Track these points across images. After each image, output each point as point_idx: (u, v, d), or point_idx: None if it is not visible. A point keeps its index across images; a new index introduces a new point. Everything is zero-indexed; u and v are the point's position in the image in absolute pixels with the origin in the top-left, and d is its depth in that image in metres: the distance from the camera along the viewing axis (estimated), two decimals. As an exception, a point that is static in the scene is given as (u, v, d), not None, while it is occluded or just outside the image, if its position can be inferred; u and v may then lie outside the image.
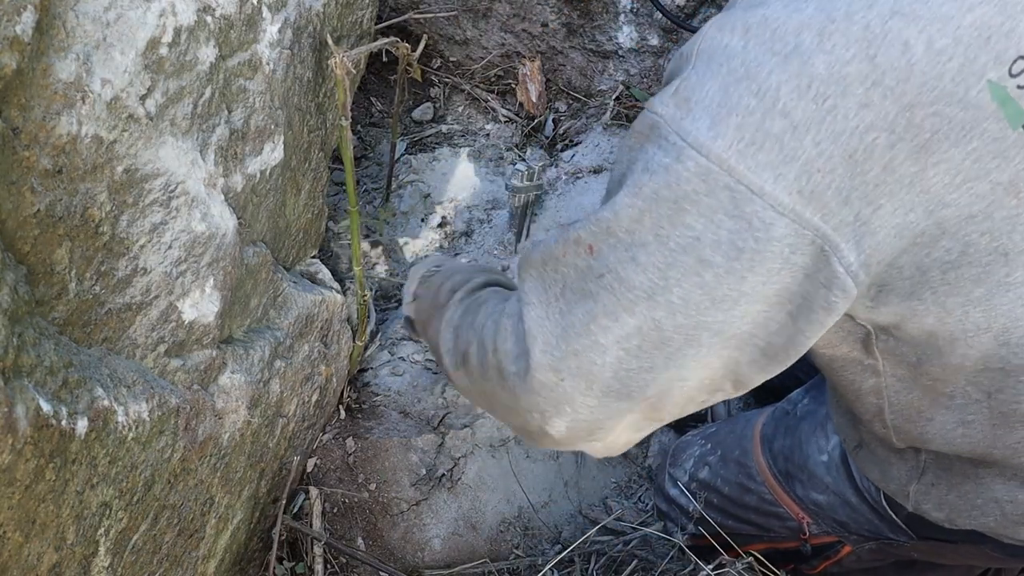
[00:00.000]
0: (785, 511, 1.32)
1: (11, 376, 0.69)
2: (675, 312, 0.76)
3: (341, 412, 1.52)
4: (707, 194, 0.72)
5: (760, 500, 1.35)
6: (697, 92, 0.73)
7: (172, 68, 0.85)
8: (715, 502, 1.41)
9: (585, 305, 0.80)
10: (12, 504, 0.72)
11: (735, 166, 0.71)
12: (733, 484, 1.39)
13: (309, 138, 1.27)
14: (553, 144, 2.00)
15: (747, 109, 0.71)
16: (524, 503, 1.51)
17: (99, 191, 0.80)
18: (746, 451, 1.39)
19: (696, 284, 0.74)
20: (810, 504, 1.29)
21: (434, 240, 1.84)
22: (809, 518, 1.29)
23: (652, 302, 0.76)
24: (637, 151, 0.77)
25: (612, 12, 1.89)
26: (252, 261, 1.14)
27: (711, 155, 0.71)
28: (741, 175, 0.71)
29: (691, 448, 1.50)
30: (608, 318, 0.78)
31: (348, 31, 1.33)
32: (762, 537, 1.39)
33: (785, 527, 1.34)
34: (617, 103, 1.96)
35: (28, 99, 0.70)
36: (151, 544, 1.00)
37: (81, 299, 0.83)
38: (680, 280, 0.75)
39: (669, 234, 0.74)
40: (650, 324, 0.77)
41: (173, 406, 0.97)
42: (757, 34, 0.72)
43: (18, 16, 0.66)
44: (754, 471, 1.36)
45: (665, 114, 0.75)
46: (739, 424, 1.47)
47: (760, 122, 0.70)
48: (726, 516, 1.40)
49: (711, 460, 1.45)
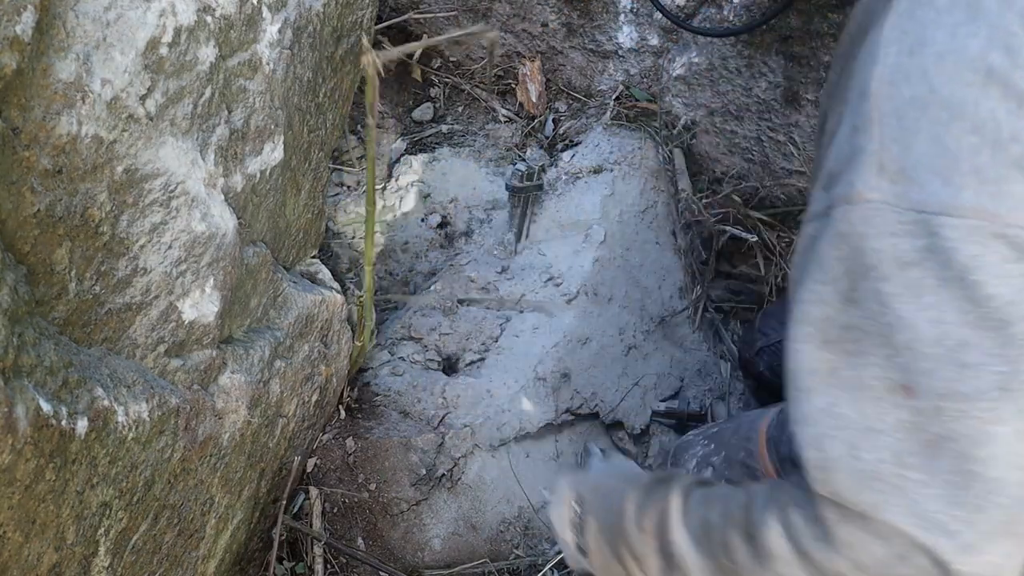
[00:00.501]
0: None
1: (11, 376, 0.69)
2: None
3: (341, 412, 1.52)
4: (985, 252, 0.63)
5: None
6: (907, 158, 0.65)
7: (172, 68, 0.85)
8: None
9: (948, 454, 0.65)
10: (12, 504, 0.72)
11: (995, 210, 0.63)
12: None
13: (309, 138, 1.27)
14: (553, 144, 2.00)
15: (973, 149, 0.63)
16: (524, 503, 1.51)
17: (99, 191, 0.80)
18: (751, 453, 1.39)
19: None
20: None
21: (434, 240, 1.84)
22: None
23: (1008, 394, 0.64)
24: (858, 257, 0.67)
25: (612, 12, 1.89)
26: (252, 261, 1.14)
27: (966, 211, 0.63)
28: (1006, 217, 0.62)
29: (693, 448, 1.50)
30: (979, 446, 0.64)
31: (348, 31, 1.33)
32: None
33: None
34: (617, 103, 1.96)
35: (28, 99, 0.70)
36: (151, 544, 1.00)
37: (81, 299, 0.83)
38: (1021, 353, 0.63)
39: (979, 314, 0.63)
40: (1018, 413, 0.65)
41: (173, 406, 0.97)
42: (940, 72, 0.65)
43: (18, 16, 0.66)
44: (759, 474, 1.36)
45: (882, 197, 0.65)
46: (743, 425, 1.46)
47: (992, 156, 0.63)
48: None
49: (715, 461, 1.44)
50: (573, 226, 1.76)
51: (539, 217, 1.81)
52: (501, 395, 1.52)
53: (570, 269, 1.69)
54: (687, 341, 1.88)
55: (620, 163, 1.84)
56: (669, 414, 1.73)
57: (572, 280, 1.67)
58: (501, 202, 1.88)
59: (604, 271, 1.73)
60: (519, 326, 1.63)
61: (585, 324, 1.67)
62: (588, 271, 1.68)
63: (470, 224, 1.85)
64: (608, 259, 1.74)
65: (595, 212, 1.75)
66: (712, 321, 1.93)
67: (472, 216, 1.86)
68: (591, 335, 1.68)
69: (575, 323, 1.65)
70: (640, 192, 1.87)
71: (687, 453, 1.50)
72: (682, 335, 1.88)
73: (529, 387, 1.54)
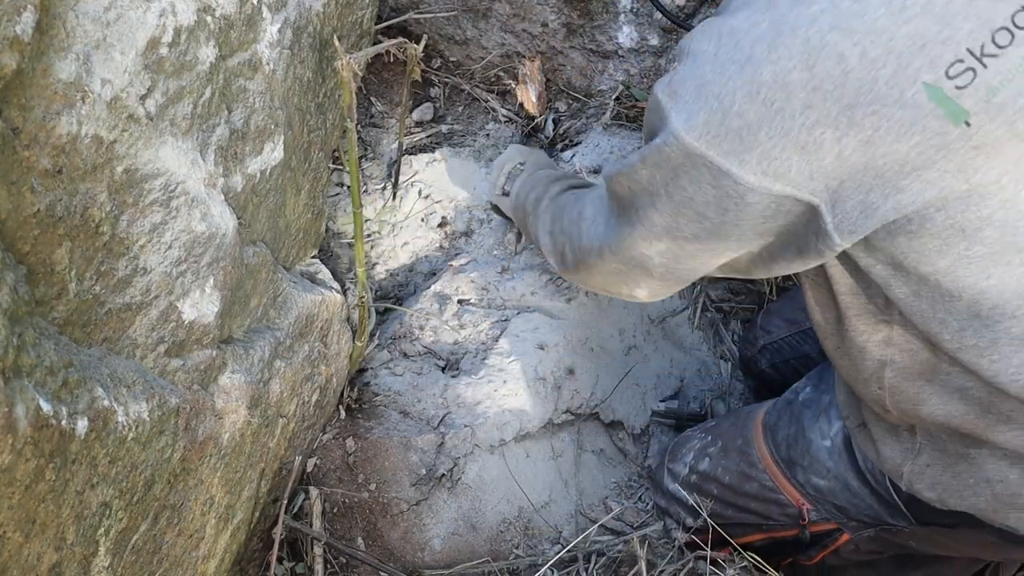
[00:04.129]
0: (785, 498, 1.35)
1: (11, 376, 0.69)
2: (689, 241, 0.98)
3: (341, 412, 1.52)
4: (692, 168, 0.90)
5: (761, 487, 1.38)
6: (681, 87, 0.90)
7: (172, 68, 0.85)
8: (715, 492, 1.44)
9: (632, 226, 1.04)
10: (12, 504, 0.72)
11: (705, 152, 0.88)
12: (734, 473, 1.41)
13: (309, 138, 1.27)
14: (553, 144, 1.99)
15: (711, 109, 0.87)
16: (524, 503, 1.51)
17: (99, 191, 0.80)
18: (748, 440, 1.42)
19: (699, 226, 0.95)
20: (811, 489, 1.31)
21: (434, 240, 1.84)
22: (809, 504, 1.33)
23: (671, 236, 0.99)
24: (652, 121, 0.95)
25: (612, 12, 1.89)
26: (252, 261, 1.14)
27: (688, 142, 0.88)
28: (712, 159, 0.88)
29: (691, 442, 1.53)
30: (645, 241, 1.03)
31: (348, 31, 1.33)
32: (761, 527, 1.40)
33: (784, 514, 1.36)
34: (617, 103, 1.96)
35: (28, 99, 0.70)
36: (151, 544, 1.00)
37: (81, 299, 0.83)
38: (687, 224, 0.96)
39: (672, 191, 0.94)
40: (675, 248, 1.01)
41: (173, 406, 0.97)
42: (725, 43, 0.87)
43: (18, 16, 0.66)
44: (755, 458, 1.39)
45: (662, 100, 0.92)
46: (740, 416, 1.49)
47: (721, 120, 0.86)
48: (726, 506, 1.42)
49: (711, 451, 1.47)
50: (573, 226, 1.76)
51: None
52: (501, 395, 1.52)
53: (570, 269, 1.69)
54: (687, 341, 1.88)
55: (620, 163, 1.84)
56: (669, 414, 1.73)
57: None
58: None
59: (604, 271, 1.73)
60: (519, 326, 1.63)
61: (585, 324, 1.67)
62: (588, 271, 1.68)
63: (470, 224, 1.85)
64: (608, 259, 1.74)
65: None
66: (712, 321, 1.93)
67: (472, 216, 1.86)
68: (591, 335, 1.68)
69: (575, 323, 1.65)
70: (640, 192, 1.87)
71: (684, 447, 1.52)
72: (682, 335, 1.88)
73: (529, 387, 1.54)
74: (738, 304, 1.95)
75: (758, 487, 1.38)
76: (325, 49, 1.23)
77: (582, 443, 1.67)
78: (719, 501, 1.43)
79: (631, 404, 1.72)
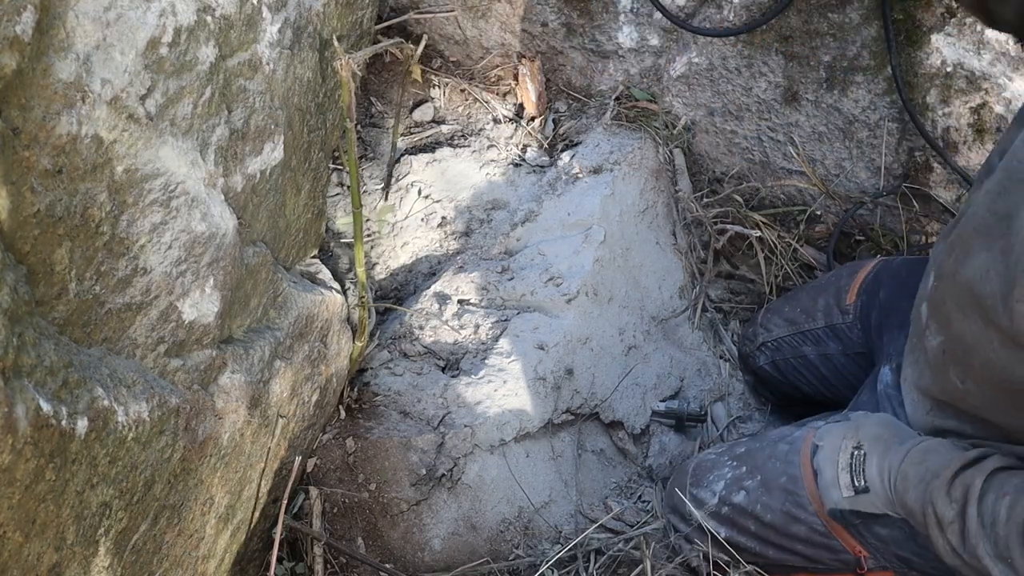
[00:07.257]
0: (839, 543, 1.25)
1: (11, 376, 0.69)
2: None
3: (341, 412, 1.52)
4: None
5: (810, 531, 1.27)
6: None
7: (172, 68, 0.85)
8: (752, 529, 1.33)
9: None
10: (12, 504, 0.72)
11: None
12: (777, 512, 1.30)
13: (309, 138, 1.27)
14: (553, 144, 2.00)
15: None
16: (524, 503, 1.51)
17: (99, 191, 0.80)
18: (795, 479, 1.29)
19: None
20: (871, 538, 1.22)
21: (434, 240, 1.84)
22: (867, 552, 1.23)
23: None
24: None
25: (612, 12, 1.89)
26: (252, 261, 1.14)
27: None
28: None
29: (719, 469, 1.40)
30: None
31: (348, 31, 1.33)
32: (807, 568, 1.31)
33: (838, 560, 1.27)
34: (617, 103, 1.96)
35: (28, 99, 0.70)
36: (151, 544, 1.00)
37: (81, 299, 0.83)
38: None
39: None
40: None
41: (173, 406, 0.97)
42: None
43: (18, 16, 0.66)
44: (805, 500, 1.27)
45: None
46: (779, 447, 1.36)
47: None
48: (766, 545, 1.32)
49: (748, 485, 1.35)
50: (573, 226, 1.76)
51: (539, 217, 1.81)
52: (501, 395, 1.52)
53: (570, 269, 1.69)
54: (687, 341, 1.88)
55: (620, 163, 1.84)
56: (669, 414, 1.73)
57: (572, 280, 1.67)
58: (501, 202, 1.88)
59: (604, 271, 1.73)
60: (519, 326, 1.63)
61: (585, 324, 1.67)
62: (588, 271, 1.68)
63: (470, 224, 1.85)
64: (608, 259, 1.74)
65: (595, 212, 1.75)
66: (712, 321, 1.93)
67: (472, 216, 1.86)
68: (591, 335, 1.68)
69: (575, 323, 1.65)
70: (640, 192, 1.87)
71: (712, 474, 1.41)
72: (682, 335, 1.88)
73: (529, 387, 1.55)
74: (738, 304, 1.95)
75: (807, 531, 1.27)
76: (325, 49, 1.23)
77: (582, 443, 1.67)
78: (758, 539, 1.32)
79: (631, 404, 1.72)
